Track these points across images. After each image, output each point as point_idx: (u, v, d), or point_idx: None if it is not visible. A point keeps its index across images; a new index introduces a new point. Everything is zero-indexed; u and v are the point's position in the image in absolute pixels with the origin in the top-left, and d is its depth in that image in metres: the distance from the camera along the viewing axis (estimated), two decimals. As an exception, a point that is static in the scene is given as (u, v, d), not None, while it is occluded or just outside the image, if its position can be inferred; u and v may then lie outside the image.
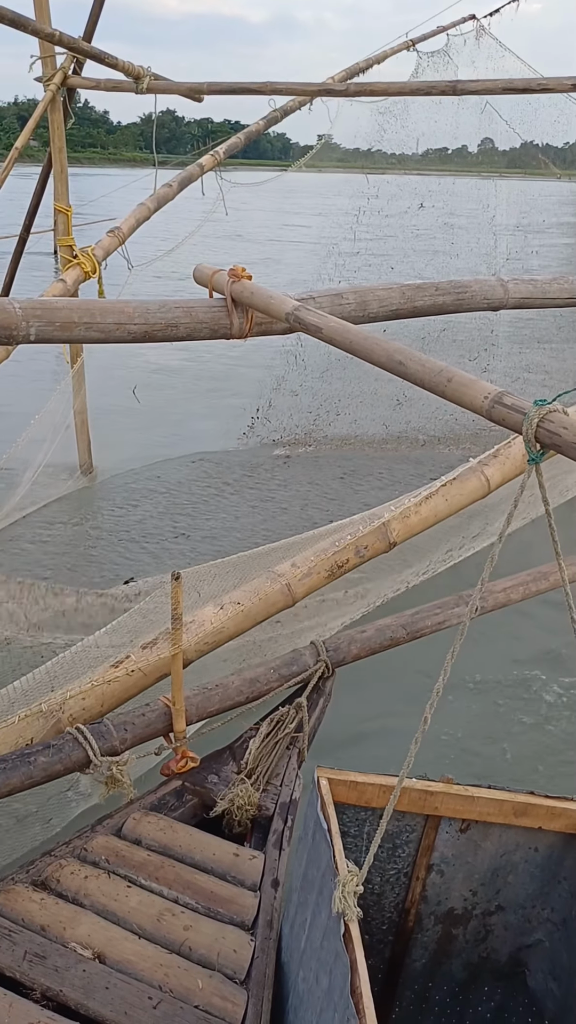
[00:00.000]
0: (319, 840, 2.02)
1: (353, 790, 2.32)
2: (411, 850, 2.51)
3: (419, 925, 2.61)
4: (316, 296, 2.41)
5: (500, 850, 2.49)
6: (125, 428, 8.85)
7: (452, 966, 2.67)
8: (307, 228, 25.76)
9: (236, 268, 2.27)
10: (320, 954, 1.87)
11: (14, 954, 2.13)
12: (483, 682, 4.87)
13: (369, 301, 2.49)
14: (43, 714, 2.83)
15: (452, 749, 4.29)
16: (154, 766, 3.30)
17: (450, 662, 1.59)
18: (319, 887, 1.97)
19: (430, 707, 1.64)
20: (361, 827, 2.43)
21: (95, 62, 5.43)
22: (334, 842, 1.93)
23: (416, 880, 2.54)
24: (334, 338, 1.96)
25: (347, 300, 2.46)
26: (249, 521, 6.80)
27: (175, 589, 2.53)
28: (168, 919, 2.25)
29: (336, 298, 2.44)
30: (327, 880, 1.91)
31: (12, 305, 2.02)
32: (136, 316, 2.18)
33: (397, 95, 5.68)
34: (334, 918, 1.78)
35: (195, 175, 7.22)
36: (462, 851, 2.49)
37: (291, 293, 2.36)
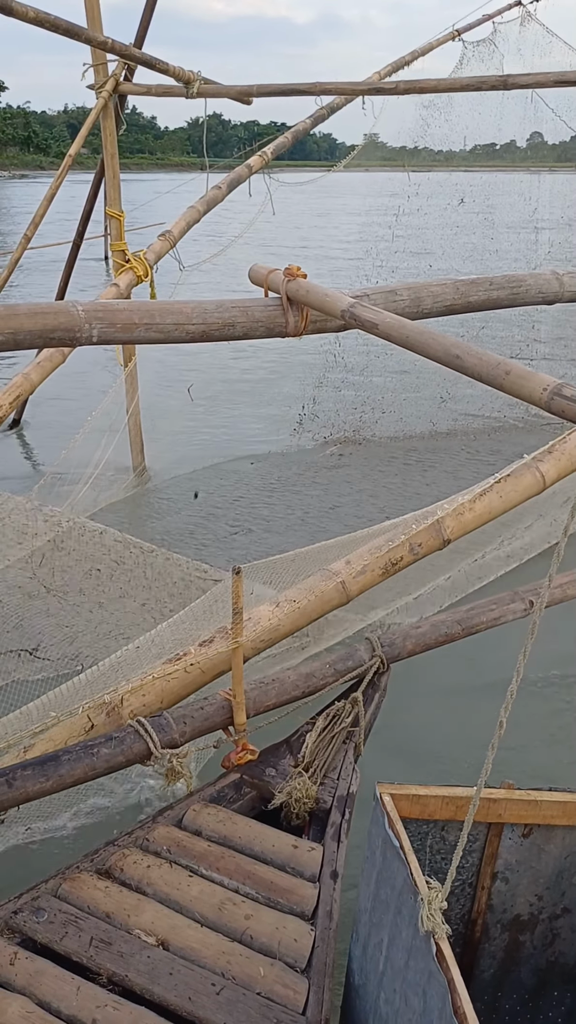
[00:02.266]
0: (391, 859, 2.02)
1: (415, 803, 2.33)
2: (475, 859, 2.51)
3: (486, 935, 2.61)
4: (370, 293, 2.43)
5: (564, 852, 2.47)
6: (173, 427, 8.95)
7: (521, 973, 2.65)
8: (347, 226, 25.74)
9: (291, 267, 2.30)
10: (406, 974, 1.87)
11: (80, 940, 2.19)
12: (536, 681, 4.83)
13: (423, 297, 2.50)
14: (105, 707, 2.90)
15: (508, 752, 4.26)
16: (207, 761, 3.36)
17: (522, 662, 1.59)
18: (396, 906, 1.97)
19: (505, 710, 1.63)
20: (423, 840, 2.43)
21: (147, 68, 5.52)
22: (409, 860, 1.92)
23: (481, 890, 2.54)
24: (390, 334, 1.98)
25: (401, 296, 2.47)
26: (303, 519, 6.83)
27: (236, 583, 2.57)
28: (229, 908, 2.29)
29: (390, 295, 2.45)
30: (405, 899, 1.91)
31: (75, 307, 2.08)
32: (194, 316, 2.22)
33: (447, 91, 5.65)
34: (421, 937, 1.78)
35: (244, 176, 7.28)
36: (526, 856, 2.48)
37: (345, 291, 2.38)
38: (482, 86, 5.05)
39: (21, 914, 2.27)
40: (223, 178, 7.11)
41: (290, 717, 3.03)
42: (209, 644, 3.13)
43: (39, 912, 2.27)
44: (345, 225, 27.44)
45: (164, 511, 7.11)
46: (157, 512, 7.10)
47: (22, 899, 2.32)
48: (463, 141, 10.89)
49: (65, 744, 2.82)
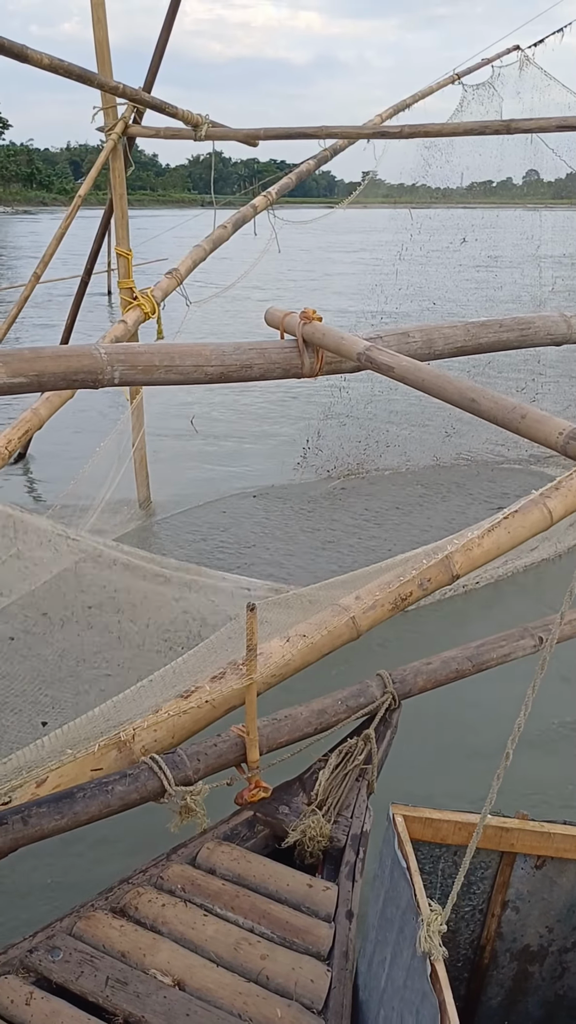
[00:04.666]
0: (398, 878, 2.04)
1: (428, 827, 2.34)
2: (486, 887, 2.51)
3: (495, 962, 2.60)
4: (383, 335, 2.48)
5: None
6: (178, 460, 9.01)
7: (528, 1004, 2.64)
8: (350, 264, 26.06)
9: (307, 311, 2.35)
10: (404, 993, 1.88)
11: (96, 979, 2.18)
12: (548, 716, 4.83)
13: (435, 339, 2.55)
14: (117, 744, 2.91)
15: (524, 785, 4.25)
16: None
17: (531, 696, 1.62)
18: (399, 925, 1.99)
19: (512, 742, 1.66)
20: (436, 864, 2.44)
21: (157, 112, 5.64)
22: (414, 880, 1.94)
23: (491, 917, 2.54)
24: (406, 376, 2.02)
25: (413, 338, 2.52)
26: (306, 552, 6.85)
27: (250, 620, 2.59)
28: (245, 948, 2.28)
29: (402, 336, 2.51)
30: (408, 918, 1.92)
31: (98, 351, 2.12)
32: (213, 358, 2.27)
33: (451, 135, 5.78)
34: (419, 957, 1.80)
35: (249, 216, 7.41)
36: (537, 887, 2.48)
37: (359, 333, 2.43)
38: (485, 130, 5.17)
39: (36, 953, 2.26)
40: (229, 216, 7.24)
41: (302, 754, 3.03)
42: (221, 679, 3.15)
43: (54, 951, 2.26)
44: (347, 262, 27.81)
45: (169, 545, 7.13)
46: (161, 546, 7.12)
47: (37, 937, 2.32)
48: (460, 178, 11.10)
49: (75, 779, 2.83)
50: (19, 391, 2.08)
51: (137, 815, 2.65)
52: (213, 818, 2.74)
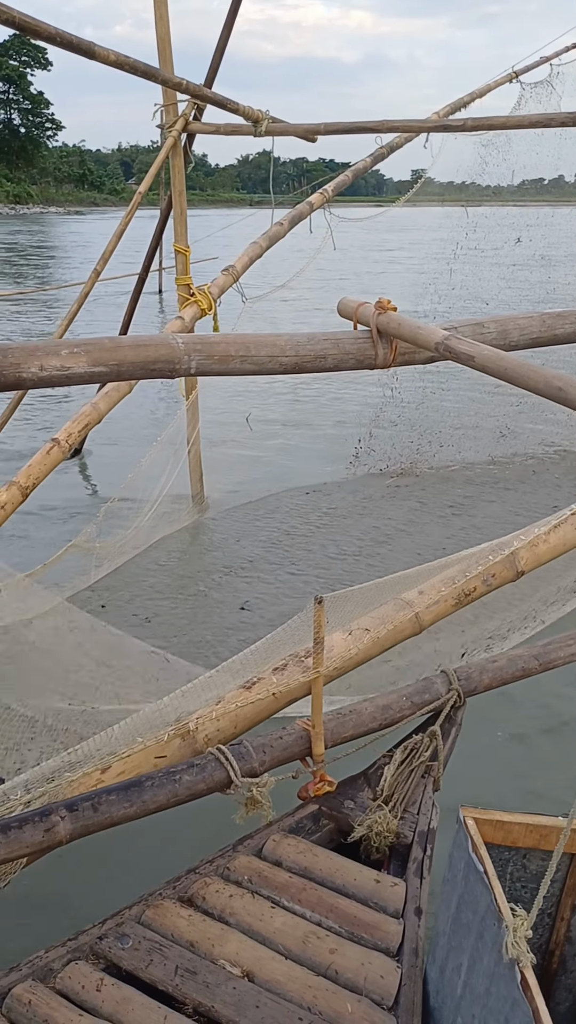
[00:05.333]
0: (474, 882, 2.01)
1: (499, 830, 2.30)
2: (556, 889, 2.47)
3: (563, 967, 2.55)
4: (457, 326, 2.45)
5: None
6: (232, 457, 9.05)
7: (597, 1009, 2.60)
8: (387, 264, 25.88)
9: (382, 300, 2.33)
10: (487, 1001, 1.84)
11: (166, 968, 2.19)
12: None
13: (510, 330, 2.51)
14: (180, 734, 2.91)
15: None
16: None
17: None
18: (478, 931, 1.96)
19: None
20: (504, 867, 2.40)
21: (218, 108, 5.66)
22: (493, 885, 1.91)
23: (561, 921, 2.49)
24: (487, 366, 1.99)
25: (488, 329, 2.49)
26: (360, 550, 6.82)
27: (317, 613, 2.58)
28: (313, 942, 2.27)
29: (477, 327, 2.47)
30: (488, 924, 1.89)
31: (175, 340, 2.13)
32: (288, 348, 2.26)
33: (516, 128, 5.70)
34: (505, 964, 1.76)
35: (305, 213, 7.40)
36: None
37: (434, 324, 2.40)
38: (551, 123, 5.09)
39: (106, 940, 2.28)
40: (285, 215, 7.24)
41: (364, 750, 3.01)
42: (283, 671, 3.13)
43: (124, 938, 2.27)
44: (384, 261, 27.64)
45: (222, 541, 7.16)
46: (215, 542, 7.16)
47: (106, 924, 2.33)
48: (511, 176, 10.97)
49: (139, 766, 2.84)
50: (99, 380, 2.09)
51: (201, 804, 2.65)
52: (275, 810, 2.73)
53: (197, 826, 3.46)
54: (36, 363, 1.96)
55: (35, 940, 2.53)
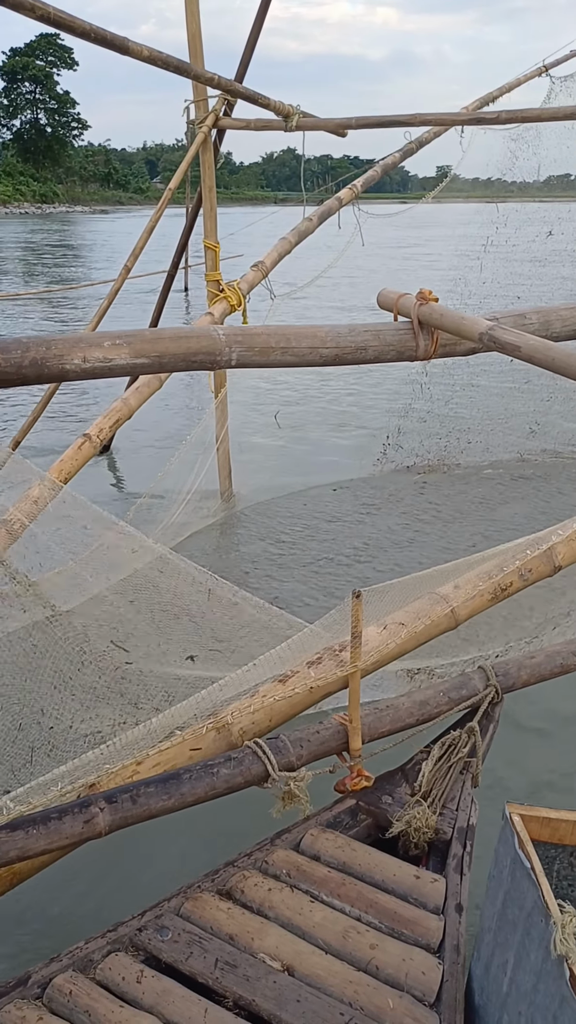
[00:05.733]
0: (520, 878, 1.98)
1: (545, 826, 2.28)
2: None
3: None
4: (499, 316, 2.42)
5: None
6: (260, 453, 9.05)
7: None
8: (403, 260, 25.76)
9: (423, 291, 2.31)
10: (534, 998, 1.82)
11: (206, 961, 2.18)
12: None
13: (552, 321, 2.48)
14: (216, 727, 2.91)
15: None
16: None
17: None
18: (524, 928, 1.93)
19: None
20: (551, 864, 2.37)
21: (249, 103, 5.65)
22: (540, 882, 1.89)
23: None
24: (533, 356, 1.97)
25: (530, 320, 2.46)
26: (392, 545, 6.79)
27: (355, 607, 2.56)
28: (354, 937, 2.26)
29: (519, 318, 2.44)
30: (535, 920, 1.87)
31: (216, 332, 2.12)
32: (328, 340, 2.25)
33: (551, 119, 5.63)
34: (553, 961, 1.74)
35: (334, 208, 7.38)
36: None
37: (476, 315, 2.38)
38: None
39: (145, 932, 2.28)
40: (314, 210, 7.22)
41: (401, 745, 2.99)
42: (318, 664, 3.12)
43: (163, 930, 2.28)
44: (399, 258, 27.49)
45: (251, 537, 7.15)
46: (244, 538, 7.15)
47: (146, 916, 2.33)
48: (536, 171, 10.86)
49: (174, 759, 2.84)
50: (140, 372, 2.09)
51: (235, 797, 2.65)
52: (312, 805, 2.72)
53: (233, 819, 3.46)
54: (79, 354, 1.96)
55: (75, 931, 2.55)
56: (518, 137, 9.79)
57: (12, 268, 32.47)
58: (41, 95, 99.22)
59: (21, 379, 1.94)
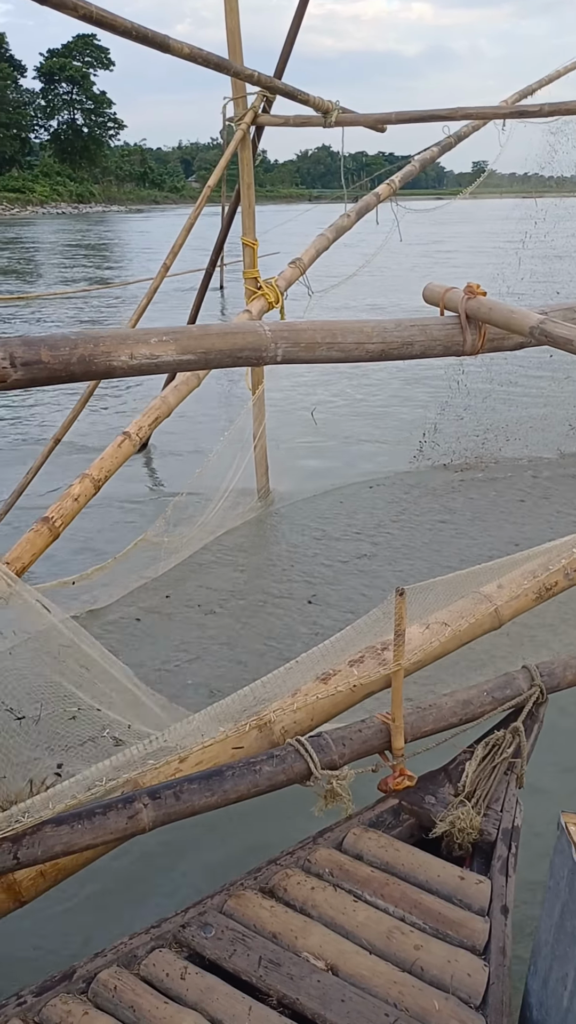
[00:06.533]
0: None
1: None
2: None
3: None
4: (548, 310, 2.39)
5: None
6: (297, 451, 9.05)
7: None
8: (418, 258, 25.48)
9: (471, 285, 2.28)
10: None
11: (249, 959, 2.18)
12: None
13: (602, 315, 2.44)
14: (259, 725, 2.91)
15: None
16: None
17: None
18: None
19: None
20: None
21: (288, 99, 5.63)
22: None
23: None
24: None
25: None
26: (429, 543, 6.74)
27: (399, 605, 2.54)
28: (398, 937, 2.24)
29: (568, 312, 2.40)
30: None
31: (263, 328, 2.11)
32: (374, 335, 2.23)
33: (596, 110, 5.55)
34: None
35: (372, 204, 7.33)
36: None
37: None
38: (631, 105, 4.94)
39: (189, 928, 2.28)
40: (351, 207, 7.18)
41: (443, 745, 2.96)
42: (359, 663, 3.10)
43: (207, 928, 2.28)
44: (414, 255, 27.15)
45: (287, 534, 7.14)
46: (281, 535, 7.15)
47: (189, 913, 2.34)
48: (573, 167, 10.70)
49: (216, 756, 2.84)
50: (187, 368, 2.09)
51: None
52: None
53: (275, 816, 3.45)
54: (127, 351, 1.96)
55: (119, 926, 2.56)
56: (557, 131, 9.63)
57: (49, 267, 32.79)
58: (78, 96, 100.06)
59: (69, 376, 1.94)
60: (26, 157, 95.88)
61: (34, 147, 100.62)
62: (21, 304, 21.28)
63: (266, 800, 2.57)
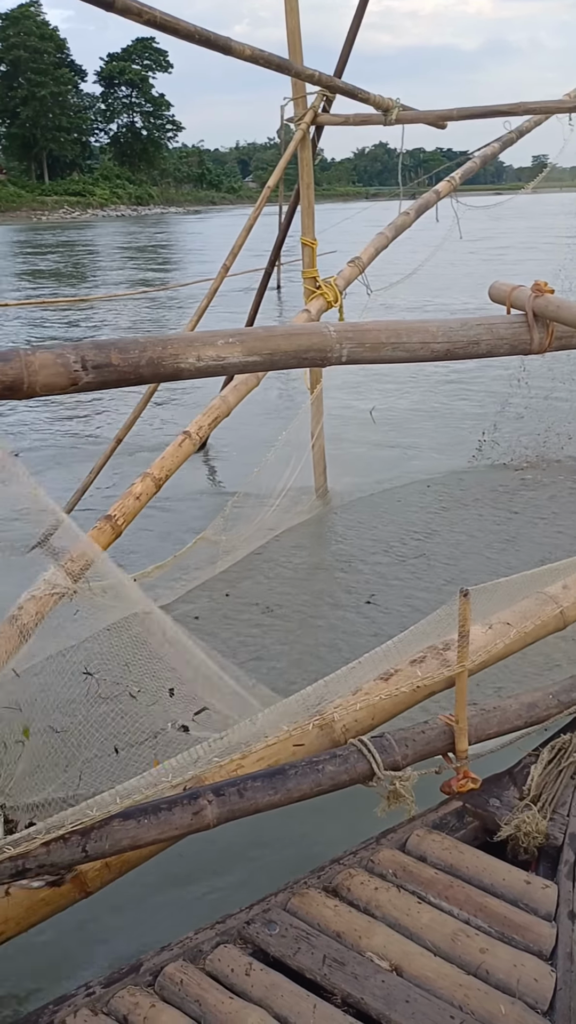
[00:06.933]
0: None
1: None
2: None
3: None
4: (617, 309, 2.34)
5: None
6: (355, 450, 9.03)
7: None
8: (466, 255, 25.07)
9: (539, 283, 2.26)
10: None
11: (313, 957, 2.19)
12: None
13: None
14: (320, 723, 2.91)
15: None
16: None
17: None
18: None
19: None
20: None
21: (349, 98, 5.63)
22: None
23: None
24: None
25: None
26: (489, 544, 6.67)
27: (463, 606, 2.53)
28: (463, 940, 2.22)
29: None
30: None
31: (327, 329, 2.11)
32: (439, 335, 2.22)
33: None
34: None
35: (432, 201, 7.28)
36: None
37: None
38: None
39: (253, 925, 2.30)
40: (411, 204, 7.14)
41: (508, 747, 2.94)
42: (421, 663, 3.09)
43: (271, 925, 2.29)
44: (462, 252, 26.69)
45: (345, 534, 7.13)
46: (338, 535, 7.14)
47: (253, 910, 2.35)
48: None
49: (277, 754, 2.86)
50: (253, 370, 2.10)
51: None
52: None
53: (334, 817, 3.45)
54: (194, 353, 1.98)
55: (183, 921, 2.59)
56: (622, 121, 9.48)
57: (108, 270, 33.26)
58: (137, 99, 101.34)
59: (138, 378, 1.97)
60: (87, 161, 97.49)
61: (94, 151, 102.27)
62: (69, 307, 21.60)
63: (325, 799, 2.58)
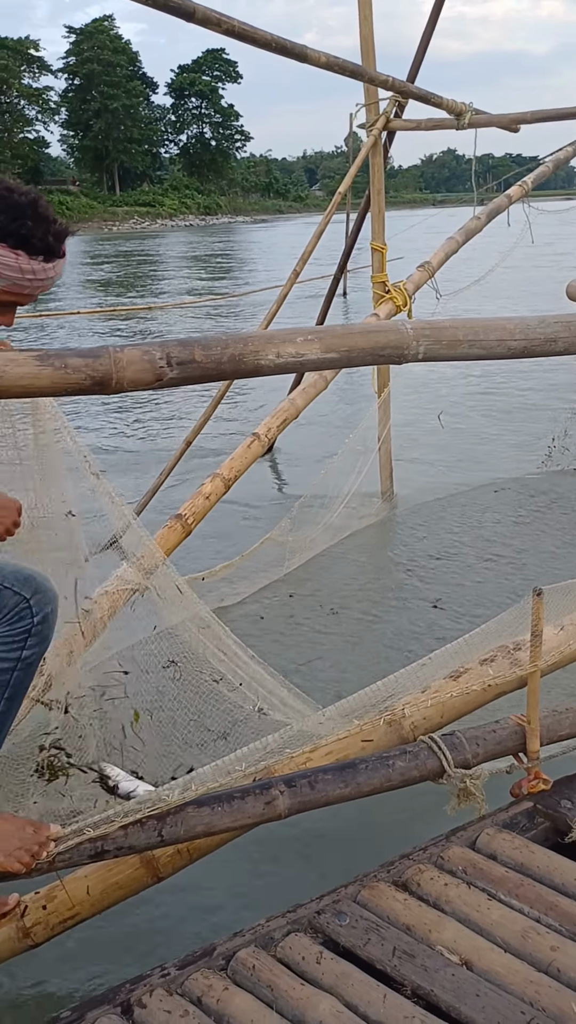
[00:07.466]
0: None
1: None
2: None
3: None
4: None
5: None
6: (422, 454, 9.01)
7: None
8: (518, 259, 24.61)
9: (618, 281, 2.25)
10: None
11: (383, 948, 2.21)
12: None
13: None
14: (389, 720, 2.93)
15: None
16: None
17: None
18: None
19: None
20: None
21: (422, 103, 5.65)
22: None
23: None
24: None
25: None
26: (557, 549, 6.59)
27: (536, 606, 2.52)
28: (533, 937, 2.22)
29: None
30: None
31: (404, 326, 2.14)
32: (517, 332, 2.22)
33: None
34: None
35: (503, 206, 7.23)
36: None
37: None
38: None
39: (324, 915, 2.33)
40: (482, 209, 7.11)
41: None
42: (491, 662, 3.08)
43: (341, 916, 2.32)
44: (551, 256, 26.26)
45: (411, 537, 7.12)
46: (405, 538, 7.13)
47: (323, 901, 2.39)
48: None
49: (346, 748, 2.88)
50: (330, 367, 2.14)
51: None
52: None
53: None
54: (274, 350, 2.03)
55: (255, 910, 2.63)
56: None
57: (176, 279, 33.76)
58: (207, 110, 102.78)
59: (220, 374, 2.03)
60: (156, 172, 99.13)
61: (164, 162, 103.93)
62: (125, 315, 21.93)
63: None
